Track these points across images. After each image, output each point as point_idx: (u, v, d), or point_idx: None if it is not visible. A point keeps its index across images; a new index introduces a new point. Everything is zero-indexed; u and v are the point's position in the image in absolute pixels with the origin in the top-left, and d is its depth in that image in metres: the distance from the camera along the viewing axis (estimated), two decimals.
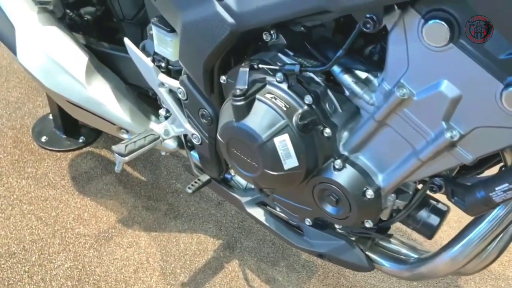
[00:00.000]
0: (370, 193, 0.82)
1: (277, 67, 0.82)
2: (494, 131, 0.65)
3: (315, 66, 0.81)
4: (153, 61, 1.11)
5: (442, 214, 0.91)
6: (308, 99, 0.81)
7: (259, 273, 1.37)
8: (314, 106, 0.81)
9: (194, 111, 1.06)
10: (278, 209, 1.05)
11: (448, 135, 0.68)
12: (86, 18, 1.38)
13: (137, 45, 1.18)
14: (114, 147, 1.09)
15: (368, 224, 0.87)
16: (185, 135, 1.17)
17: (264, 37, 0.85)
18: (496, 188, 0.67)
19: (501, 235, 0.81)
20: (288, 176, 0.84)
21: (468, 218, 0.83)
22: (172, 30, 1.02)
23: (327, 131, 0.82)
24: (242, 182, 1.19)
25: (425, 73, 0.67)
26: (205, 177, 1.15)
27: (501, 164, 0.73)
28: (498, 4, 0.55)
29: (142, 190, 1.58)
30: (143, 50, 1.15)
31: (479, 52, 0.60)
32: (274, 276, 1.36)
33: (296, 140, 0.81)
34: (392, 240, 1.03)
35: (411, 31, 0.65)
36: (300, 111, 0.81)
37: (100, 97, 1.23)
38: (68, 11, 1.33)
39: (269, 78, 0.85)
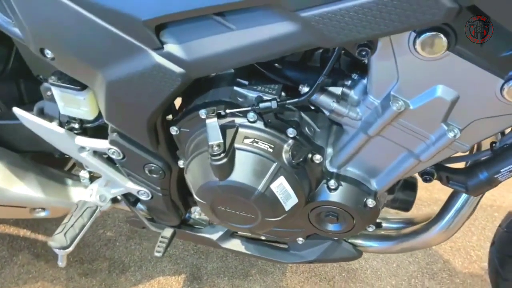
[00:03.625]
0: (371, 202, 0.80)
1: (249, 108, 0.72)
2: (490, 119, 0.66)
3: (291, 97, 0.72)
4: (61, 125, 0.90)
5: (414, 187, 0.95)
6: (291, 131, 0.73)
7: None
8: (298, 137, 0.74)
9: (137, 168, 0.90)
10: (263, 237, 0.98)
11: (451, 135, 0.67)
12: None
13: (17, 105, 0.95)
14: (52, 243, 0.89)
15: (371, 228, 0.87)
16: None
17: None
18: (502, 170, 0.70)
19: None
20: (289, 215, 0.78)
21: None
22: (83, 87, 0.82)
23: (317, 157, 0.76)
24: (203, 216, 1.09)
25: (418, 83, 0.65)
26: (168, 231, 1.01)
27: (492, 141, 0.76)
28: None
29: (70, 255, 1.34)
30: (41, 114, 0.92)
31: (477, 54, 0.59)
32: (251, 287, 1.32)
33: (292, 178, 0.74)
34: None
35: (400, 45, 0.61)
36: (287, 147, 0.74)
37: None
38: None
39: (238, 120, 0.74)
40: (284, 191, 0.74)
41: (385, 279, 1.37)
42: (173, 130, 0.80)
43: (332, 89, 0.73)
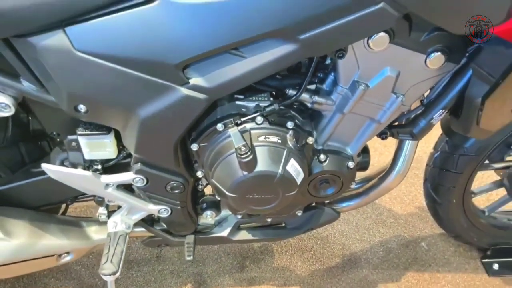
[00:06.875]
0: (351, 164, 1.06)
1: (257, 114, 0.94)
2: (421, 83, 0.97)
3: (285, 98, 0.96)
4: (85, 169, 1.03)
5: (368, 151, 1.23)
6: (290, 124, 0.97)
7: (239, 284, 1.49)
8: (295, 127, 0.98)
9: (159, 189, 1.06)
10: (268, 219, 1.20)
11: (399, 100, 0.97)
12: None
13: (19, 168, 1.06)
14: (103, 271, 1.01)
15: (353, 185, 1.13)
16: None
17: None
18: (434, 116, 1.02)
19: None
20: (299, 188, 1.01)
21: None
22: (109, 130, 0.97)
23: (310, 139, 1.01)
24: (207, 220, 1.26)
25: (372, 69, 0.93)
26: (190, 238, 1.18)
27: (421, 99, 1.08)
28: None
29: None
30: (62, 165, 1.03)
31: (407, 41, 0.88)
32: (250, 276, 1.51)
33: (298, 158, 0.97)
34: None
35: (358, 46, 0.88)
36: (289, 136, 0.97)
37: (28, 239, 1.05)
38: None
39: (248, 125, 0.96)
40: (295, 169, 0.97)
41: (351, 236, 1.66)
42: (194, 147, 0.98)
43: (309, 86, 0.99)
